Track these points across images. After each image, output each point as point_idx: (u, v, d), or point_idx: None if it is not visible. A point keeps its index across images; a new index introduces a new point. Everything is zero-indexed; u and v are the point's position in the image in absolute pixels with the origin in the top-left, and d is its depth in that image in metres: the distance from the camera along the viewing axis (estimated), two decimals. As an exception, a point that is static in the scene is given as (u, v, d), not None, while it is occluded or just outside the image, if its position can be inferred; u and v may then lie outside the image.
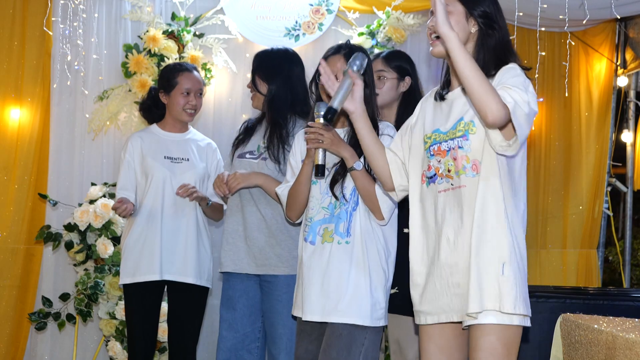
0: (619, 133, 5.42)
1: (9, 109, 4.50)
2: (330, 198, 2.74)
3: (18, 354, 4.45)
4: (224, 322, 3.18)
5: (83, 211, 4.18)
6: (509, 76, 2.19)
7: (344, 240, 2.70)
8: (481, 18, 2.26)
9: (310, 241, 2.77)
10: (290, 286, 3.05)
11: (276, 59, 3.20)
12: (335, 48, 2.82)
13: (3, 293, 4.42)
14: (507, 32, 2.34)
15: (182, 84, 3.53)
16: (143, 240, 3.47)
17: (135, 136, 3.60)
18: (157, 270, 3.44)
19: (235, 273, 3.17)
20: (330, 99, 2.41)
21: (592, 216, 5.17)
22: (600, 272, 5.22)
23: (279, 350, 3.07)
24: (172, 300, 3.55)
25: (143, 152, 3.53)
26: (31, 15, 4.45)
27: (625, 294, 3.79)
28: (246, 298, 3.16)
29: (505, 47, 2.30)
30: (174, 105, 3.54)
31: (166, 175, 3.49)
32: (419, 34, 4.82)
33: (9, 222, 4.43)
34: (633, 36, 5.12)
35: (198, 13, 4.58)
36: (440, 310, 2.27)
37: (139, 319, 3.48)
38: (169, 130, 3.60)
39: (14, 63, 4.47)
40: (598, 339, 2.41)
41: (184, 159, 3.55)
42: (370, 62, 2.69)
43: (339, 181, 2.71)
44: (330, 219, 2.73)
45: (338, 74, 2.63)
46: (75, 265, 4.26)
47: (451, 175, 2.25)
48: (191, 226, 3.50)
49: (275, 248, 3.09)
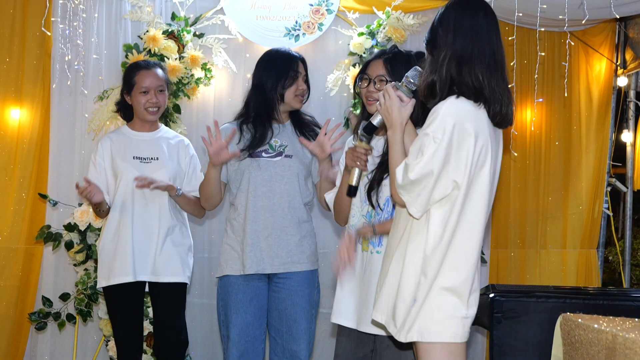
0: (619, 133, 5.42)
1: (9, 109, 4.50)
2: (368, 206, 2.78)
3: (18, 354, 4.45)
4: (235, 327, 3.17)
5: (83, 211, 4.19)
6: (424, 126, 2.26)
7: (375, 250, 2.73)
8: (428, 45, 2.36)
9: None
10: (311, 281, 3.11)
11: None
12: (378, 53, 2.91)
13: (3, 293, 4.42)
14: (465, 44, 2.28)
15: (140, 83, 3.53)
16: (116, 242, 3.47)
17: (105, 138, 3.63)
18: (131, 272, 3.44)
19: (249, 275, 3.17)
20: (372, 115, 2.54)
21: (592, 216, 5.17)
22: (600, 272, 5.22)
23: (301, 346, 3.10)
24: (152, 300, 3.58)
25: (112, 153, 3.54)
26: (31, 15, 4.45)
27: (625, 294, 3.79)
28: (257, 301, 3.18)
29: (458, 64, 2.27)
30: (136, 105, 3.55)
31: (135, 176, 3.45)
32: (419, 34, 4.82)
33: (9, 222, 4.43)
34: (633, 36, 5.11)
35: (198, 13, 4.58)
36: None
37: (121, 319, 3.51)
38: (138, 130, 3.61)
39: (14, 63, 4.47)
40: (598, 339, 2.41)
41: (153, 159, 3.54)
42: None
43: (375, 189, 2.74)
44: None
45: (377, 79, 2.79)
46: (75, 265, 4.26)
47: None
48: (163, 225, 3.49)
49: (298, 245, 3.16)
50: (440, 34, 2.29)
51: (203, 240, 4.61)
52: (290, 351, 3.11)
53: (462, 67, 2.25)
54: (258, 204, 3.17)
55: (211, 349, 4.58)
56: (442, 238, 2.22)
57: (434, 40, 2.31)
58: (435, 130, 2.19)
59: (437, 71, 2.28)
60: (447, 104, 2.23)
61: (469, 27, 2.26)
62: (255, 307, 3.17)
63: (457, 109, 2.21)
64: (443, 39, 2.28)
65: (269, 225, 3.16)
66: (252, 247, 3.16)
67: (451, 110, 2.21)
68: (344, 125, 4.71)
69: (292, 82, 3.21)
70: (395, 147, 2.34)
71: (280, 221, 3.16)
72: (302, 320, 3.11)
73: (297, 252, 3.16)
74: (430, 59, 2.33)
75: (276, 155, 3.16)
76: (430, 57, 2.34)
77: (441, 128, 2.18)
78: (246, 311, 3.16)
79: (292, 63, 3.24)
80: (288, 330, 3.11)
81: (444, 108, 2.21)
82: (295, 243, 3.16)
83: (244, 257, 3.16)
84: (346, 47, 4.71)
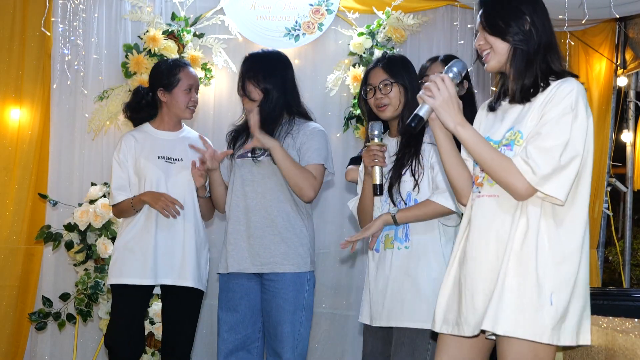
0: (619, 133, 5.42)
1: (9, 109, 4.50)
2: (389, 205, 2.82)
3: (18, 354, 4.45)
4: (225, 324, 3.17)
5: (83, 211, 4.18)
6: (552, 105, 2.11)
7: (403, 246, 2.77)
8: (510, 37, 2.20)
9: (375, 249, 2.85)
10: (297, 284, 3.07)
11: (269, 62, 3.21)
12: (372, 64, 2.94)
13: (3, 293, 4.42)
14: (546, 32, 2.24)
15: (185, 81, 3.44)
16: (136, 242, 3.37)
17: (128, 135, 3.49)
18: (150, 275, 3.34)
19: (236, 274, 3.16)
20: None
21: (592, 216, 5.17)
22: (600, 272, 5.22)
23: (285, 349, 3.07)
24: (167, 303, 3.46)
25: (136, 152, 3.43)
26: (31, 15, 4.45)
27: (625, 294, 3.79)
28: (247, 299, 3.16)
29: (545, 49, 2.23)
30: (176, 102, 3.44)
31: (160, 176, 3.39)
32: (419, 34, 4.82)
33: (9, 222, 4.43)
34: (633, 36, 5.11)
35: (198, 13, 4.58)
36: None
37: (121, 320, 3.38)
38: (164, 129, 3.50)
39: (14, 63, 4.47)
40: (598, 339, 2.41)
41: (177, 159, 3.45)
42: (467, 71, 2.73)
43: (395, 185, 2.80)
44: (390, 226, 2.80)
45: (381, 85, 2.84)
46: (75, 265, 4.26)
47: (481, 183, 2.22)
48: (189, 227, 3.41)
49: (281, 246, 3.10)
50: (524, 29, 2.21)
51: (203, 240, 4.61)
52: (274, 352, 3.10)
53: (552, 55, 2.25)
54: (241, 204, 3.16)
55: (211, 349, 4.58)
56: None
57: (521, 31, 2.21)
58: (556, 119, 2.08)
59: (528, 63, 2.19)
60: (569, 84, 2.13)
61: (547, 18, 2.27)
62: (246, 305, 3.15)
63: (580, 88, 2.14)
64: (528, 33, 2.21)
65: (251, 225, 3.13)
66: (233, 246, 3.15)
67: (578, 89, 2.12)
68: (344, 125, 4.72)
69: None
70: (473, 139, 2.12)
71: (262, 221, 3.12)
72: (285, 322, 3.06)
73: (280, 253, 3.09)
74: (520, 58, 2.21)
75: (261, 155, 3.14)
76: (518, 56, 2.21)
77: (566, 105, 2.10)
78: (236, 309, 3.15)
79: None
80: (273, 332, 3.09)
81: (569, 89, 2.11)
82: (277, 243, 3.09)
83: (227, 256, 3.17)
84: (346, 47, 4.71)
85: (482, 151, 2.11)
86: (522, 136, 2.14)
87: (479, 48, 2.25)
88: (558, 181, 2.06)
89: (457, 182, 2.29)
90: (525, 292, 2.07)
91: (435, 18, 4.88)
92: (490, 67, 2.24)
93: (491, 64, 2.24)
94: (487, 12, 2.22)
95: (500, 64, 2.23)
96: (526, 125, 2.14)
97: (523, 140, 2.13)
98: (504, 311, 2.06)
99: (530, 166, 2.05)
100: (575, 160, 2.07)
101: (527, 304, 2.06)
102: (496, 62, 2.23)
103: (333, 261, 4.76)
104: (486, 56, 2.24)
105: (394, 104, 2.85)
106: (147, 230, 3.38)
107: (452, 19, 4.86)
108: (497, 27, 2.19)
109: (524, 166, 2.06)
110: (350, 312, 4.73)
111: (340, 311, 4.78)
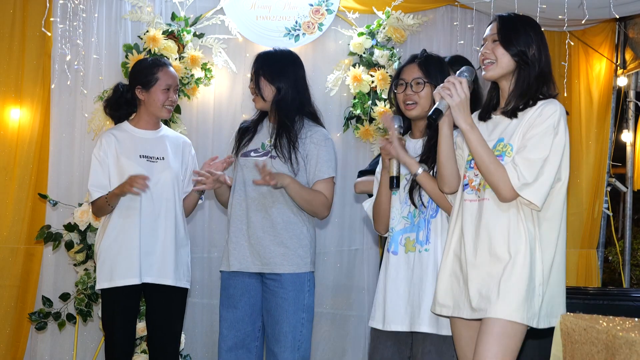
0: (619, 133, 5.42)
1: (9, 109, 4.50)
2: (409, 207, 2.78)
3: (18, 354, 4.45)
4: (225, 321, 3.17)
5: (83, 211, 4.19)
6: (538, 123, 2.40)
7: (423, 248, 2.74)
8: (517, 57, 2.48)
9: (393, 251, 2.81)
10: (296, 284, 3.07)
11: (282, 60, 3.20)
12: (409, 58, 2.91)
13: (3, 293, 4.42)
14: (547, 62, 2.52)
15: (163, 80, 3.44)
16: (120, 243, 3.36)
17: (107, 134, 3.47)
18: (136, 274, 3.34)
19: (237, 272, 3.16)
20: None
21: (592, 216, 5.17)
22: (600, 272, 5.22)
23: (283, 349, 3.06)
24: (150, 302, 3.45)
25: (117, 151, 3.41)
26: (31, 15, 4.45)
27: (625, 294, 3.80)
28: (248, 297, 3.16)
29: (543, 77, 2.50)
30: (153, 101, 3.44)
31: (141, 174, 3.31)
32: (419, 34, 4.83)
33: (9, 222, 4.43)
34: (633, 36, 5.12)
35: (198, 13, 4.58)
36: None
37: (120, 323, 3.38)
38: (142, 128, 3.49)
39: (14, 63, 4.47)
40: (598, 339, 2.41)
41: (159, 158, 3.45)
42: (477, 76, 2.74)
43: (416, 188, 2.75)
44: (411, 228, 2.77)
45: (413, 82, 2.81)
46: (75, 265, 4.26)
47: (480, 188, 2.48)
48: (169, 226, 3.41)
49: (280, 247, 3.10)
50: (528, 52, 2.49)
51: (203, 240, 4.61)
52: (272, 353, 3.09)
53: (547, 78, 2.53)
54: (242, 204, 3.17)
55: (211, 349, 4.58)
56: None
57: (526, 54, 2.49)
58: (540, 134, 2.38)
59: (528, 87, 2.48)
60: (553, 105, 2.44)
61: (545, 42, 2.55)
62: (246, 303, 3.15)
63: (562, 110, 2.44)
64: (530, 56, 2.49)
65: (251, 225, 3.14)
66: (235, 245, 3.15)
67: (561, 111, 2.43)
68: (344, 125, 4.72)
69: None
70: (478, 141, 2.40)
71: (261, 222, 3.12)
72: (284, 323, 3.06)
73: (279, 254, 3.09)
74: (519, 76, 2.49)
75: (262, 155, 3.14)
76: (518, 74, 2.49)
77: (550, 123, 2.40)
78: (236, 306, 3.15)
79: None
80: (272, 331, 3.09)
81: (553, 110, 2.42)
82: (277, 244, 3.09)
83: (229, 254, 3.17)
84: (346, 47, 4.71)
85: (483, 153, 2.39)
86: (512, 149, 2.43)
87: (484, 56, 2.51)
88: (536, 189, 2.36)
89: (447, 171, 2.54)
90: (516, 281, 2.39)
91: (435, 18, 4.88)
92: (489, 76, 2.51)
93: (490, 74, 2.50)
94: (505, 28, 2.50)
95: (497, 77, 2.50)
96: (516, 139, 2.43)
97: (513, 152, 2.43)
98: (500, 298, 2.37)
99: (517, 173, 2.37)
100: (551, 173, 2.38)
101: (517, 291, 2.39)
102: (495, 73, 2.49)
103: (333, 261, 4.76)
104: (487, 65, 2.50)
105: (422, 104, 2.79)
106: (129, 229, 3.37)
107: (452, 19, 4.86)
108: (510, 44, 2.47)
109: (512, 172, 2.37)
110: (351, 312, 4.73)
111: (340, 311, 4.78)
